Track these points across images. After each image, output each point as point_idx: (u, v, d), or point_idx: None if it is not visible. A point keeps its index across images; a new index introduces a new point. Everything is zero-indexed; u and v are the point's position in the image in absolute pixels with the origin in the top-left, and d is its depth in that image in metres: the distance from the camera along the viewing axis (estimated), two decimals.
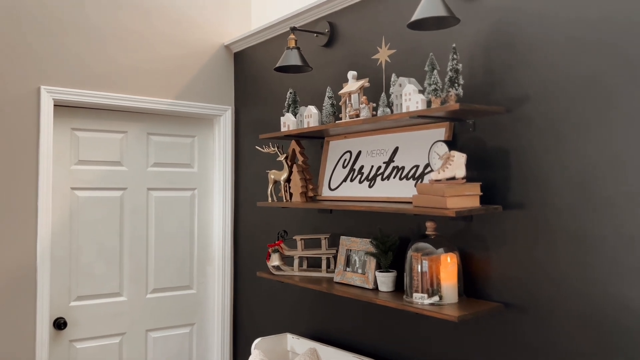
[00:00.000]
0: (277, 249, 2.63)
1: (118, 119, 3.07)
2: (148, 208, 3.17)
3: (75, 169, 2.94)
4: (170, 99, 3.15)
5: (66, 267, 2.90)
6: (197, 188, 3.35)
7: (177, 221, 3.26)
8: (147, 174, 3.17)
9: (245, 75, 3.31)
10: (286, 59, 2.50)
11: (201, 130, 3.36)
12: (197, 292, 3.33)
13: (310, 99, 2.80)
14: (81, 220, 2.95)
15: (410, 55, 2.27)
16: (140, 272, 3.13)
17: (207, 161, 3.38)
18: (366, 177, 2.39)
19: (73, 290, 2.92)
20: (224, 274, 3.32)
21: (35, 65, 2.74)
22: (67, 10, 2.83)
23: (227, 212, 3.34)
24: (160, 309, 3.19)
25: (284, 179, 2.60)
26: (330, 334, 2.64)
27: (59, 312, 2.87)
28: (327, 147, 2.62)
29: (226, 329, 3.31)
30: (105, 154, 3.03)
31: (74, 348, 2.91)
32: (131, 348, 3.08)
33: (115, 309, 3.04)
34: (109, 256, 3.03)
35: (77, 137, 2.95)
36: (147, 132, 3.17)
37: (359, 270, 2.32)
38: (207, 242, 3.36)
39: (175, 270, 3.25)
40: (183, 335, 3.27)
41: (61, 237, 2.89)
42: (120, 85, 2.98)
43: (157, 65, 3.11)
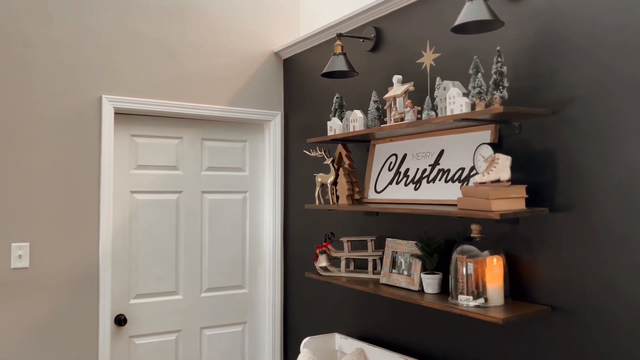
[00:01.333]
0: (325, 250, 2.69)
1: (174, 125, 3.22)
2: (202, 210, 3.30)
3: (135, 173, 3.11)
4: (223, 106, 3.27)
5: (126, 266, 3.06)
6: (249, 191, 3.45)
7: (229, 223, 3.38)
8: (202, 177, 3.30)
9: (294, 81, 3.40)
10: (332, 64, 2.56)
11: (252, 135, 3.47)
12: (249, 291, 3.44)
13: (356, 104, 2.85)
14: (140, 222, 3.11)
15: (455, 58, 2.28)
16: (195, 272, 3.26)
17: (257, 165, 3.48)
18: (412, 179, 2.41)
19: (132, 288, 3.08)
20: (274, 274, 3.41)
21: (97, 76, 2.91)
22: (125, 23, 2.99)
23: (277, 214, 3.44)
24: (214, 308, 3.31)
25: (331, 182, 2.65)
26: (376, 334, 2.68)
27: (120, 309, 3.03)
28: (372, 150, 2.66)
29: (277, 327, 3.40)
30: (162, 159, 3.18)
31: (133, 344, 3.07)
32: (187, 345, 3.22)
33: (171, 307, 3.18)
34: (166, 256, 3.18)
35: (136, 143, 3.11)
36: (202, 137, 3.31)
37: (405, 272, 2.35)
38: (258, 243, 3.47)
39: (228, 270, 3.36)
40: (236, 333, 3.38)
41: (121, 238, 3.05)
42: (176, 93, 3.12)
43: (211, 73, 3.24)
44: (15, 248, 2.69)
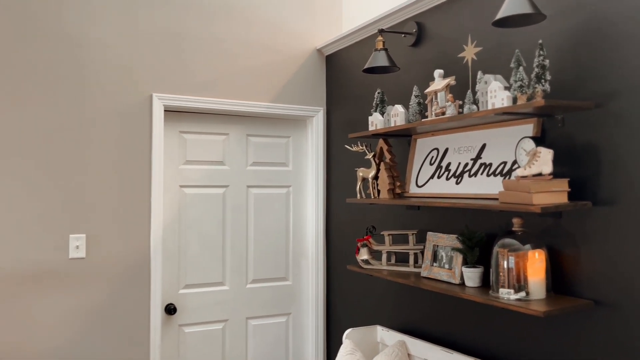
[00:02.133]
0: (366, 243, 2.73)
1: (220, 122, 3.32)
2: (247, 204, 3.40)
3: (183, 168, 3.23)
4: (267, 102, 3.35)
5: (175, 257, 3.19)
6: (292, 185, 3.53)
7: (273, 217, 3.47)
8: (247, 172, 3.40)
9: (336, 77, 3.44)
10: (374, 60, 2.60)
11: (295, 130, 3.54)
12: (293, 283, 3.52)
13: (397, 98, 2.87)
14: (188, 215, 3.23)
15: (496, 52, 2.28)
16: (240, 264, 3.36)
17: (300, 160, 3.55)
18: (453, 173, 2.42)
19: (182, 278, 3.20)
20: (317, 267, 3.48)
21: (147, 75, 3.04)
22: (173, 24, 3.11)
23: (319, 208, 3.50)
24: (259, 299, 3.41)
25: (372, 177, 2.69)
26: (417, 327, 2.71)
27: (170, 298, 3.17)
28: (414, 144, 2.68)
29: (320, 318, 3.47)
30: (209, 154, 3.29)
31: (182, 332, 3.19)
32: (233, 334, 3.33)
33: (218, 297, 3.29)
34: (213, 248, 3.29)
35: (185, 139, 3.23)
36: (247, 133, 3.40)
37: (446, 265, 2.37)
38: (301, 236, 3.54)
39: (272, 263, 3.45)
40: (280, 324, 3.47)
41: (171, 230, 3.18)
42: (223, 91, 3.22)
43: (256, 71, 3.32)
44: (73, 239, 2.85)
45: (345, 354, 2.67)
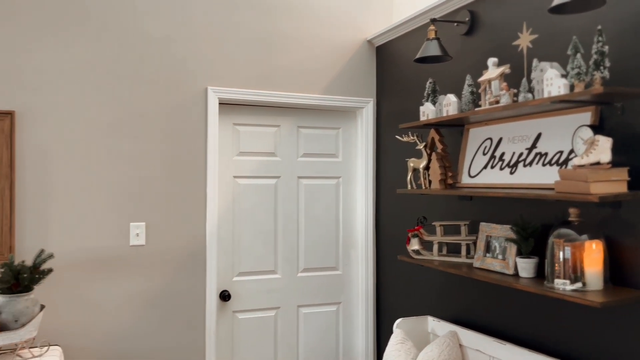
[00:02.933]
0: (417, 234, 2.74)
1: (272, 114, 3.39)
2: (298, 195, 3.46)
3: (237, 159, 3.31)
4: (318, 94, 3.39)
5: (229, 246, 3.29)
6: (342, 176, 3.56)
7: (323, 207, 3.51)
8: (298, 163, 3.46)
9: (386, 68, 3.45)
10: (426, 49, 2.59)
11: (345, 122, 3.57)
12: (343, 273, 3.56)
13: (449, 88, 2.85)
14: (242, 205, 3.32)
15: (552, 39, 2.24)
16: (292, 253, 3.43)
17: (350, 151, 3.58)
18: (507, 163, 2.40)
19: (235, 266, 3.30)
20: (366, 257, 3.51)
21: (203, 69, 3.13)
22: (227, 18, 3.19)
23: (369, 199, 3.52)
24: (310, 287, 3.47)
25: (423, 167, 2.69)
26: (468, 318, 2.70)
27: (224, 285, 3.27)
28: (466, 134, 2.66)
29: (370, 308, 3.50)
30: (262, 145, 3.37)
31: (236, 318, 3.29)
32: (285, 321, 3.40)
33: (270, 285, 3.37)
34: (265, 237, 3.37)
35: (238, 131, 3.32)
36: (298, 125, 3.45)
37: (499, 256, 2.35)
38: (350, 226, 3.57)
39: (323, 252, 3.50)
40: (330, 312, 3.52)
41: (225, 219, 3.28)
42: (274, 83, 3.29)
43: (306, 63, 3.37)
44: (133, 227, 2.98)
45: (395, 342, 2.69)
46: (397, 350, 2.65)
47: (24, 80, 2.78)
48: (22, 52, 2.78)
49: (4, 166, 2.71)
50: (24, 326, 2.50)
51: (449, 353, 2.54)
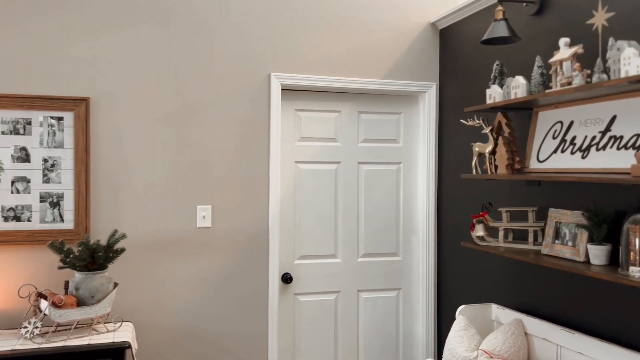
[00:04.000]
0: (482, 220, 2.69)
1: (333, 99, 3.40)
2: (359, 180, 3.46)
3: (298, 145, 3.35)
4: (379, 79, 3.37)
5: (291, 230, 3.34)
6: (403, 162, 3.54)
7: (384, 193, 3.50)
8: (358, 149, 3.46)
9: (450, 51, 3.38)
10: (493, 31, 2.52)
11: (407, 107, 3.54)
12: (403, 259, 3.55)
13: (516, 70, 2.77)
14: (303, 190, 3.36)
15: (630, 17, 2.13)
16: (352, 238, 3.45)
17: (412, 136, 3.55)
18: (579, 147, 2.31)
19: (297, 250, 3.35)
20: (427, 243, 3.48)
21: (266, 55, 3.18)
22: (290, 5, 3.21)
23: (430, 185, 3.48)
24: (370, 273, 3.48)
25: (489, 152, 2.64)
26: (534, 306, 2.63)
27: (286, 268, 3.33)
28: (535, 118, 2.58)
29: (430, 295, 3.48)
30: (323, 131, 3.39)
31: (297, 300, 3.35)
32: (345, 305, 3.43)
33: (331, 269, 3.41)
34: (326, 222, 3.40)
35: (300, 117, 3.35)
36: (358, 110, 3.45)
37: (569, 242, 2.28)
38: (411, 212, 3.55)
39: (383, 238, 3.50)
40: (390, 298, 3.52)
41: (287, 204, 3.33)
42: (336, 69, 3.29)
43: (368, 48, 3.35)
44: (200, 210, 3.08)
45: (458, 329, 2.67)
46: (460, 336, 2.62)
47: (97, 68, 2.91)
48: (95, 41, 2.91)
49: (80, 150, 2.85)
50: (99, 302, 2.64)
51: (513, 341, 2.49)
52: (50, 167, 2.82)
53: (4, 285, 2.78)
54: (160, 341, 3.02)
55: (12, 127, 2.77)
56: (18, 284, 2.78)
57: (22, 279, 2.79)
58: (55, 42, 2.85)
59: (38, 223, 2.81)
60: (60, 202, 2.84)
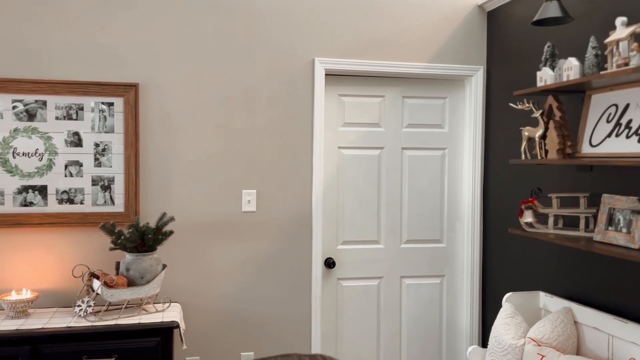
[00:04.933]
0: (531, 206, 2.63)
1: (377, 84, 3.37)
2: (402, 166, 3.44)
3: (342, 130, 3.34)
4: (424, 63, 3.32)
5: (334, 215, 3.34)
6: (448, 147, 3.49)
7: (428, 179, 3.46)
8: (402, 134, 3.43)
9: (498, 33, 3.30)
10: (545, 11, 2.45)
11: (452, 91, 3.48)
12: (447, 246, 3.51)
13: (568, 52, 2.68)
14: (346, 175, 3.35)
15: None
16: (395, 224, 3.43)
17: (457, 121, 3.49)
18: (635, 131, 2.23)
19: (340, 235, 3.36)
20: (473, 230, 3.42)
21: (310, 40, 3.17)
22: None
23: (476, 171, 3.42)
24: (413, 259, 3.46)
25: (539, 136, 2.57)
26: (584, 294, 2.56)
27: (329, 253, 3.34)
28: (588, 101, 2.50)
29: (475, 282, 3.43)
30: (366, 116, 3.37)
31: (340, 285, 3.36)
32: (387, 291, 3.42)
33: (373, 255, 3.40)
34: (369, 208, 3.39)
35: (343, 102, 3.34)
36: (403, 95, 3.41)
37: (623, 229, 2.20)
38: (456, 199, 3.50)
39: (426, 224, 3.47)
40: (434, 285, 3.49)
41: (330, 189, 3.33)
42: (380, 53, 3.26)
43: (413, 31, 3.30)
44: (245, 194, 3.12)
45: (505, 316, 2.62)
46: (507, 324, 2.58)
47: (146, 54, 2.97)
48: (143, 28, 2.97)
49: (130, 135, 2.93)
50: (148, 283, 2.72)
51: (562, 329, 2.44)
52: (102, 151, 2.91)
53: (59, 265, 2.89)
54: (206, 322, 3.09)
55: (66, 113, 2.87)
56: (72, 264, 2.89)
57: (75, 260, 2.90)
58: (106, 29, 2.92)
59: (90, 206, 2.91)
60: (111, 186, 2.92)
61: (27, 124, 2.82)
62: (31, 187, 2.83)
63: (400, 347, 3.45)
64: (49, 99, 2.84)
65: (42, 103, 2.83)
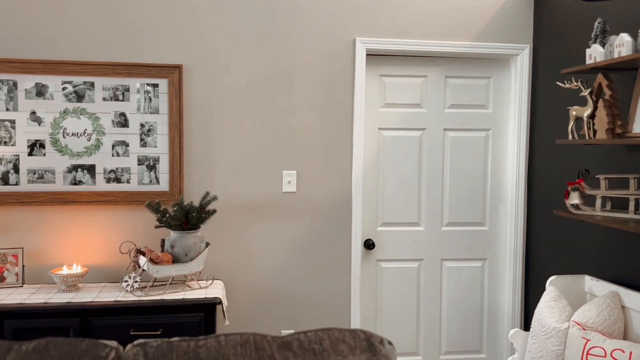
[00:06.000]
0: (577, 187, 2.56)
1: (419, 64, 3.33)
2: (444, 147, 3.39)
3: (382, 111, 3.32)
4: (468, 42, 3.26)
5: (374, 196, 3.34)
6: (492, 128, 3.42)
7: (470, 160, 3.41)
8: (444, 115, 3.38)
9: (545, 11, 3.19)
10: None
11: (497, 70, 3.40)
12: (489, 229, 3.45)
13: (621, 28, 2.57)
14: (386, 156, 3.34)
15: None
16: (436, 206, 3.40)
17: (502, 101, 3.41)
18: None
19: (379, 216, 3.35)
20: (516, 213, 3.36)
21: (351, 20, 3.15)
22: None
23: (521, 152, 3.34)
24: (454, 242, 3.42)
25: (588, 115, 2.49)
26: (633, 278, 2.49)
27: (368, 234, 3.34)
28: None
29: (518, 265, 3.38)
30: (407, 97, 3.33)
31: (380, 266, 3.37)
32: (428, 273, 3.41)
33: (414, 237, 3.38)
34: (409, 190, 3.37)
35: (384, 82, 3.31)
36: (445, 75, 3.36)
37: None
38: (499, 181, 3.44)
39: (468, 207, 3.42)
40: (475, 268, 3.45)
41: (370, 170, 3.33)
42: (422, 32, 3.21)
43: (456, 9, 3.23)
44: (285, 175, 3.15)
45: (549, 299, 2.58)
46: (551, 307, 2.54)
47: (189, 35, 3.02)
48: (186, 10, 3.01)
49: (174, 116, 2.99)
50: (192, 260, 2.79)
51: (609, 313, 2.38)
52: (147, 131, 2.98)
53: (106, 242, 2.99)
54: (248, 299, 3.15)
55: (112, 94, 2.94)
56: (119, 241, 2.98)
57: (122, 237, 3.00)
58: (151, 12, 2.97)
59: (136, 185, 2.99)
60: (156, 165, 3.00)
61: (76, 104, 2.92)
62: (80, 166, 2.94)
63: (440, 330, 3.43)
64: (97, 81, 2.92)
65: (90, 84, 2.92)
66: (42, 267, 2.94)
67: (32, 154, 2.89)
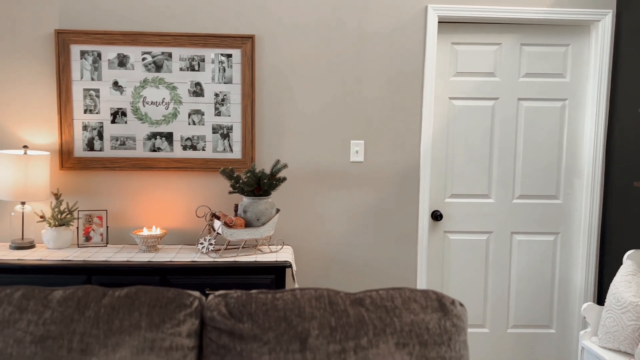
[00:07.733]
0: None
1: (493, 31, 3.23)
2: (517, 118, 3.30)
3: (453, 80, 3.26)
4: (545, 7, 3.13)
5: (443, 167, 3.31)
6: (569, 98, 3.29)
7: (545, 131, 3.30)
8: (518, 84, 3.27)
9: None
10: None
11: (576, 38, 3.25)
12: (563, 202, 3.35)
13: None
14: (456, 127, 3.28)
15: None
16: (507, 178, 3.32)
17: (580, 70, 3.26)
18: None
19: (448, 188, 3.32)
20: (593, 186, 3.24)
21: None
22: None
23: (600, 123, 3.20)
24: (525, 215, 3.35)
25: None
26: None
27: (436, 205, 3.32)
28: None
29: (593, 239, 3.26)
30: (480, 65, 3.25)
31: (447, 238, 3.35)
32: (497, 246, 3.36)
33: (483, 209, 3.33)
34: (479, 161, 3.31)
35: (456, 50, 3.24)
36: (520, 42, 3.24)
37: None
38: (576, 153, 3.31)
39: (541, 179, 3.33)
40: (547, 242, 3.37)
41: (439, 141, 3.29)
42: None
43: None
44: (353, 145, 3.17)
45: (626, 274, 2.49)
46: (628, 281, 2.45)
47: (262, 6, 3.06)
48: None
49: (247, 86, 3.06)
50: (264, 225, 2.88)
51: None
52: (221, 101, 3.08)
53: (183, 206, 3.14)
54: (316, 265, 3.23)
55: (189, 64, 3.05)
56: (195, 206, 3.12)
57: (198, 201, 3.13)
58: None
59: (211, 152, 3.10)
60: (229, 134, 3.10)
61: (155, 74, 3.04)
62: (159, 134, 3.08)
63: (509, 303, 3.39)
64: (174, 51, 3.03)
65: (168, 55, 3.04)
66: (124, 228, 3.13)
67: (115, 122, 3.06)
